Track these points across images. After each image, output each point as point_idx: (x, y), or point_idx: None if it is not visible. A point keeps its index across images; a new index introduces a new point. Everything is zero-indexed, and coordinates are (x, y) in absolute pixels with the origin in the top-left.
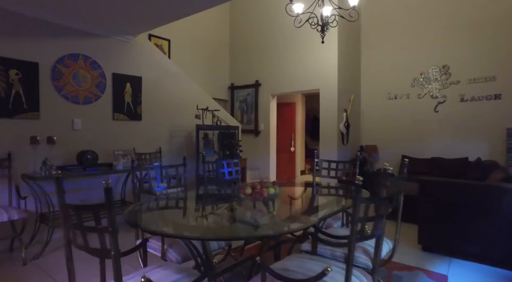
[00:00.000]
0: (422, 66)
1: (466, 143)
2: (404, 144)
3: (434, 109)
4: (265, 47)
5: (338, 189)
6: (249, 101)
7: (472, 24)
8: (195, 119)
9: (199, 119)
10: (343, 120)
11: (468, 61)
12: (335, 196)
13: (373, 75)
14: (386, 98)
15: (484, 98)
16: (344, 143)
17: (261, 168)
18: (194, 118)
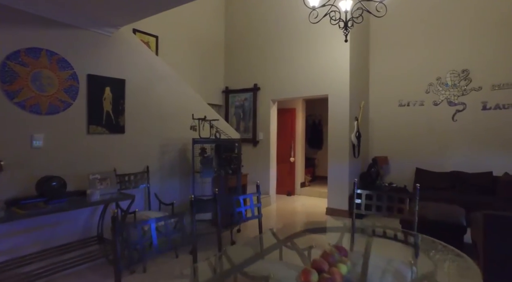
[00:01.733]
0: (439, 71)
1: (489, 155)
2: (419, 156)
3: (452, 118)
4: (265, 47)
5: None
6: (247, 107)
7: (498, 23)
8: (190, 131)
9: (195, 131)
10: (354, 130)
11: (492, 64)
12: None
13: (382, 80)
14: (397, 105)
15: (510, 107)
16: (355, 155)
17: (261, 182)
18: (189, 130)
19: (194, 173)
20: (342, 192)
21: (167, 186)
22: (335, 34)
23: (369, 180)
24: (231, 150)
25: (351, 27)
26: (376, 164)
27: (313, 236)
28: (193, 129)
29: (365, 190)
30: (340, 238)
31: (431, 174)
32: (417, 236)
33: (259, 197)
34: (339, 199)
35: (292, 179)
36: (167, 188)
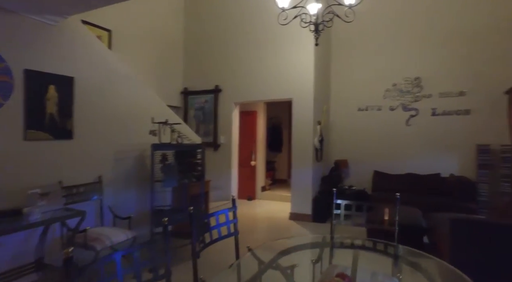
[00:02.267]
0: (395, 78)
1: (438, 158)
2: (377, 159)
3: (406, 123)
4: (228, 48)
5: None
6: (207, 110)
7: (445, 39)
8: (149, 136)
9: (155, 136)
10: (317, 134)
11: (439, 74)
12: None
13: (343, 85)
14: (356, 110)
15: (454, 113)
16: (318, 159)
17: (222, 187)
18: (148, 135)
19: (154, 182)
20: (306, 196)
21: (123, 197)
22: (300, 37)
23: (331, 184)
24: (192, 155)
25: (321, 31)
26: (338, 168)
27: (293, 253)
28: (153, 134)
29: (344, 201)
30: (320, 253)
31: (389, 176)
32: (397, 247)
33: (235, 211)
34: (303, 204)
35: (252, 183)
36: (122, 200)
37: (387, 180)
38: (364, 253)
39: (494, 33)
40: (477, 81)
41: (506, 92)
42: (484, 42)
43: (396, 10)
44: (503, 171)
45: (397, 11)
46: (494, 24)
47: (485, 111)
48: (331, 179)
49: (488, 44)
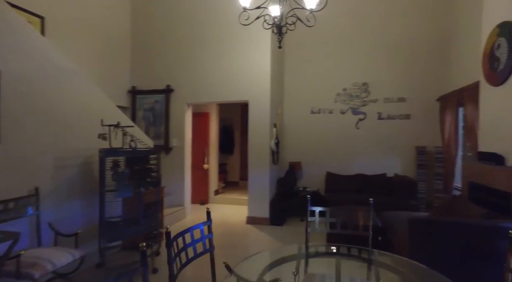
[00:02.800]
0: (345, 82)
1: (384, 159)
2: (329, 160)
3: (356, 126)
4: (181, 46)
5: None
6: (158, 111)
7: (388, 49)
8: (97, 140)
9: (105, 140)
10: (273, 136)
11: (384, 81)
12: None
13: (296, 87)
14: (309, 113)
15: (397, 118)
16: (274, 162)
17: (175, 193)
18: (95, 139)
19: (104, 192)
20: (263, 199)
21: (66, 211)
22: (258, 39)
23: (287, 186)
24: (146, 160)
25: (285, 34)
26: (293, 170)
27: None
28: (102, 138)
29: (318, 207)
30: (298, 264)
31: (340, 177)
32: (372, 252)
33: (210, 225)
34: (260, 207)
35: (205, 186)
36: (65, 214)
37: (338, 180)
38: (342, 260)
39: (428, 48)
40: (415, 89)
41: (437, 99)
42: (420, 55)
43: (346, 19)
44: (437, 170)
45: (347, 20)
46: (428, 40)
47: (422, 116)
48: (287, 181)
49: (423, 56)
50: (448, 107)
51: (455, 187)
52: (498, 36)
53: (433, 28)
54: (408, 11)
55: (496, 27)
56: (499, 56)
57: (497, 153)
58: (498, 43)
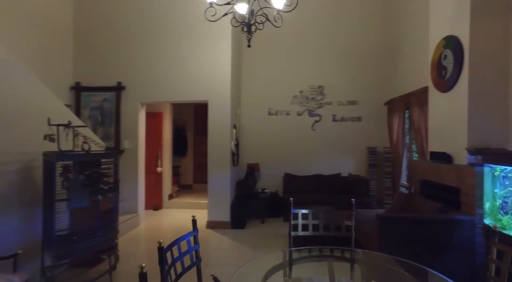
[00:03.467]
0: (301, 85)
1: (339, 159)
2: (286, 161)
3: (312, 127)
4: (134, 41)
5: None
6: (107, 110)
7: (341, 54)
8: (40, 142)
9: (52, 142)
10: (233, 138)
11: (338, 84)
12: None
13: (253, 88)
14: (266, 114)
15: (350, 120)
16: (234, 164)
17: (128, 198)
18: (39, 141)
19: (54, 200)
20: (224, 203)
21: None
22: (218, 37)
23: (247, 188)
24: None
25: (254, 32)
26: (253, 171)
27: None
28: (49, 139)
29: (301, 210)
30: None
31: (298, 178)
32: (354, 251)
33: (196, 236)
34: (221, 211)
35: (159, 191)
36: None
37: (296, 181)
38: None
39: (375, 56)
40: (365, 93)
41: (385, 103)
42: (369, 62)
43: (303, 24)
44: (386, 169)
45: (304, 25)
46: (376, 49)
47: (372, 119)
48: (247, 183)
49: (372, 63)
50: (396, 110)
51: (401, 184)
52: (444, 48)
53: (380, 39)
54: (358, 22)
55: (442, 40)
56: (446, 65)
57: (446, 152)
58: (445, 54)
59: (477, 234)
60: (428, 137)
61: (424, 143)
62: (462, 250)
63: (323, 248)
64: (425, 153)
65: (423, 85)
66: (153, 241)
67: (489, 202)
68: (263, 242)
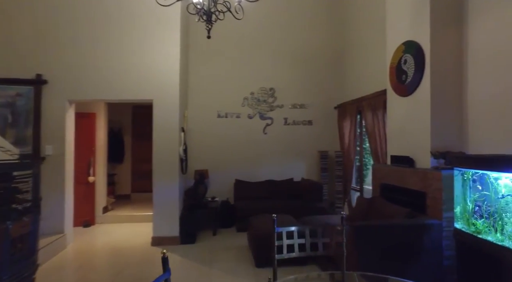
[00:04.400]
0: (252, 86)
1: (291, 164)
2: (237, 167)
3: (263, 131)
4: (60, 26)
5: None
6: (21, 107)
7: (292, 57)
8: None
9: None
10: (182, 142)
11: (289, 87)
12: None
13: (201, 89)
14: (216, 117)
15: (301, 123)
16: (183, 171)
17: (51, 216)
18: None
19: None
20: (172, 215)
21: None
22: (165, 28)
23: (197, 197)
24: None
25: (214, 22)
26: (203, 179)
27: None
28: None
29: (286, 228)
30: None
31: (250, 184)
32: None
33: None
34: (169, 225)
35: (91, 204)
36: None
37: (248, 187)
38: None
39: (327, 58)
40: (316, 96)
41: (335, 107)
42: (320, 64)
43: (253, 24)
44: (337, 172)
45: (254, 26)
46: (327, 51)
47: (323, 123)
48: (196, 192)
49: (322, 67)
50: (347, 114)
51: (352, 187)
52: (404, 52)
53: (330, 42)
54: (308, 24)
55: (401, 45)
56: (407, 70)
57: (409, 156)
58: (405, 59)
59: (444, 237)
60: (387, 141)
61: (379, 146)
62: (431, 253)
63: (309, 274)
64: (380, 156)
65: (377, 90)
66: (83, 268)
67: (459, 206)
68: (218, 257)
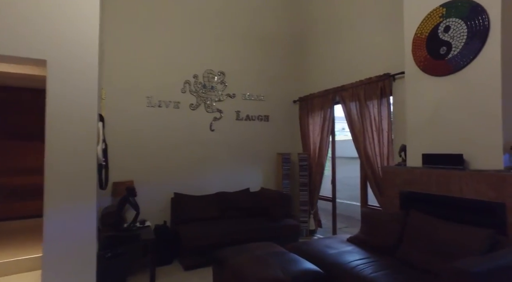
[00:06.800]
0: (196, 68)
1: (246, 170)
2: (177, 176)
3: (210, 127)
4: None
5: None
6: None
7: (247, 38)
8: None
9: None
10: (100, 138)
11: (242, 74)
12: None
13: (123, 63)
14: (145, 105)
15: (256, 119)
16: (102, 185)
17: None
18: None
19: None
20: (83, 260)
21: None
22: None
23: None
24: None
25: None
26: (132, 196)
27: None
28: None
29: None
30: None
31: (194, 199)
32: None
33: None
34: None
35: None
36: None
37: (192, 204)
38: None
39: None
40: (273, 88)
41: (295, 101)
42: (278, 50)
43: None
44: (302, 180)
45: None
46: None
47: (282, 119)
48: (120, 217)
49: (280, 52)
50: (315, 109)
51: (320, 197)
52: (444, 17)
53: (289, 23)
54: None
55: (439, 8)
56: (450, 40)
57: (462, 154)
58: (446, 25)
59: None
60: (408, 137)
61: (376, 146)
62: None
63: None
64: (378, 159)
65: (369, 75)
66: None
67: None
68: None
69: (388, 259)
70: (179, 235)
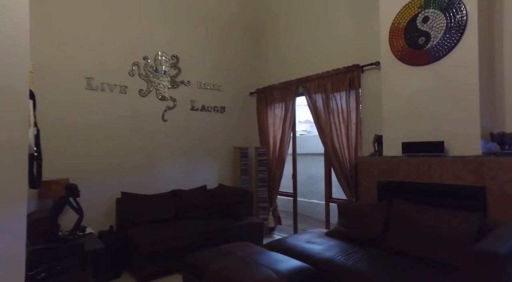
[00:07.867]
0: (147, 48)
1: (201, 165)
2: (123, 173)
3: (162, 117)
4: None
5: None
6: None
7: (202, 21)
8: None
9: None
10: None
11: (197, 60)
12: None
13: (57, 33)
14: (83, 88)
15: (212, 110)
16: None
17: None
18: None
19: None
20: None
21: None
22: None
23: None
24: None
25: None
26: (74, 196)
27: None
28: None
29: None
30: None
31: (144, 199)
32: None
33: None
34: None
35: None
36: None
37: (142, 205)
38: None
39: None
40: (230, 78)
41: (253, 92)
42: (236, 37)
43: None
44: (260, 175)
45: None
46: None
47: (238, 111)
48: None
49: (239, 44)
50: (276, 101)
51: (280, 192)
52: (423, 8)
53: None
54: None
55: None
56: (429, 30)
57: (442, 141)
58: (425, 16)
59: None
60: (384, 127)
61: (345, 138)
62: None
63: None
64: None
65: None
66: None
67: None
68: None
69: (376, 250)
70: (131, 241)
